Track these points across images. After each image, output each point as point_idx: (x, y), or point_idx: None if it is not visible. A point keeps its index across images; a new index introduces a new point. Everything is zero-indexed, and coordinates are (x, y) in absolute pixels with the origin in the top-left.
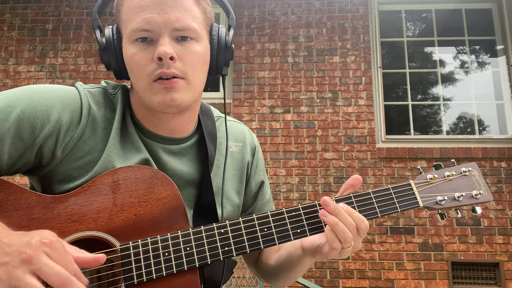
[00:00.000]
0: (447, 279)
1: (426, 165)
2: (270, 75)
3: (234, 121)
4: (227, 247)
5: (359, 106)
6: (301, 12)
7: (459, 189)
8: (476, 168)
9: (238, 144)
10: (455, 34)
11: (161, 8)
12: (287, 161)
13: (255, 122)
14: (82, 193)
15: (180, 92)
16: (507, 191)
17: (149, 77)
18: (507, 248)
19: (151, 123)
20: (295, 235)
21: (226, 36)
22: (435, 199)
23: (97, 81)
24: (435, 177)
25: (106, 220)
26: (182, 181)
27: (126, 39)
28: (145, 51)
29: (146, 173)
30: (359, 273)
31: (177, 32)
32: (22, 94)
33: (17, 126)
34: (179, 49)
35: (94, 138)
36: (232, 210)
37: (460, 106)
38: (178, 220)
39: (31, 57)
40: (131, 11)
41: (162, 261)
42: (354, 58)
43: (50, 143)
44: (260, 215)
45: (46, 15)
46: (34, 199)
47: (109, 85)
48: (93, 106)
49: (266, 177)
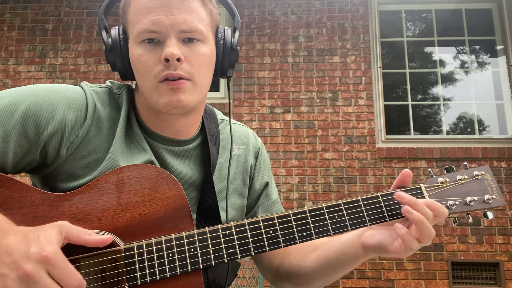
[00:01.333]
0: (447, 279)
1: (426, 165)
2: (270, 75)
3: (238, 124)
4: (232, 249)
5: (359, 106)
6: (301, 12)
7: (470, 194)
8: (489, 171)
9: (242, 147)
10: (455, 34)
11: (168, 10)
12: (287, 161)
13: (255, 122)
14: (87, 192)
15: (186, 93)
16: (507, 191)
17: (155, 78)
18: (507, 248)
19: (155, 124)
20: (301, 238)
21: (232, 38)
22: (446, 203)
23: (97, 81)
24: (446, 180)
25: (111, 219)
26: (184, 183)
27: (133, 40)
28: (151, 52)
29: (151, 172)
30: (359, 273)
31: (184, 34)
32: (28, 92)
33: (22, 124)
34: (185, 50)
35: (99, 137)
36: (235, 214)
37: (460, 106)
38: (183, 221)
39: (31, 57)
40: (138, 13)
41: (166, 262)
42: (354, 58)
43: (55, 141)
44: (266, 217)
45: (46, 15)
46: (38, 197)
47: (114, 85)
48: (99, 105)
49: (272, 179)
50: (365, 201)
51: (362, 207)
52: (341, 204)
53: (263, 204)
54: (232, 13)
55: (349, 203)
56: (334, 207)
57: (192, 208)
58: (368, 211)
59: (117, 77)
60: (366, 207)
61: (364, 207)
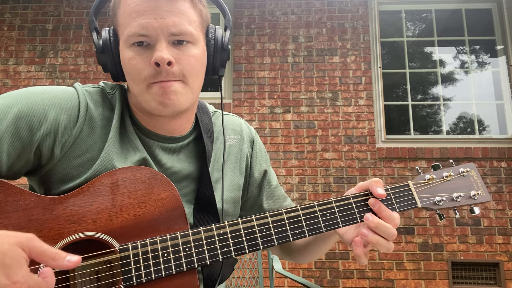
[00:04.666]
0: (447, 279)
1: (426, 165)
2: (270, 75)
3: (230, 115)
4: (226, 248)
5: (359, 106)
6: (301, 12)
7: (457, 190)
8: (474, 168)
9: (235, 137)
10: (455, 34)
11: (158, 13)
12: (287, 161)
13: (255, 122)
14: (81, 194)
15: (177, 94)
16: (507, 191)
17: (145, 81)
18: (507, 248)
19: (149, 123)
20: (294, 236)
21: (223, 38)
22: (434, 199)
23: (97, 81)
24: (433, 177)
25: (105, 221)
26: (181, 177)
27: (123, 43)
28: (142, 55)
29: (145, 174)
30: (359, 273)
31: (173, 36)
32: (20, 95)
33: (15, 125)
34: (176, 53)
35: (92, 137)
36: (232, 202)
37: (460, 106)
38: (177, 221)
39: (31, 57)
40: (127, 16)
41: (161, 262)
42: (354, 58)
43: (49, 141)
44: (259, 215)
45: (46, 15)
46: (33, 200)
47: (107, 85)
48: (91, 105)
49: (269, 166)
50: (355, 199)
51: (352, 205)
52: (332, 201)
53: (266, 191)
54: (223, 11)
55: (340, 200)
56: (326, 204)
57: (190, 201)
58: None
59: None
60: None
61: (355, 205)
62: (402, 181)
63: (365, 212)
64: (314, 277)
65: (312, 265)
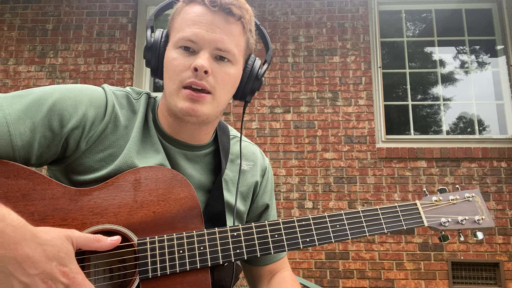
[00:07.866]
0: (447, 279)
1: (426, 165)
2: (270, 75)
3: (248, 142)
4: (239, 249)
5: (359, 106)
6: (301, 12)
7: (462, 213)
8: (479, 194)
9: (249, 163)
10: (455, 34)
11: (211, 28)
12: (287, 161)
13: (255, 122)
14: (105, 188)
15: (204, 105)
16: (507, 191)
17: (180, 83)
18: (507, 248)
19: (172, 128)
20: (304, 244)
21: (259, 69)
22: (439, 220)
23: (96, 81)
24: (440, 199)
25: (126, 215)
26: (193, 186)
27: (172, 44)
28: (184, 58)
29: (167, 174)
30: (359, 273)
31: (217, 51)
32: (54, 90)
33: (48, 117)
34: (215, 66)
35: (116, 134)
36: (240, 223)
37: (460, 106)
38: (194, 221)
39: (31, 57)
40: (184, 22)
41: (177, 258)
42: (354, 58)
43: (76, 134)
44: (272, 222)
45: (46, 15)
46: (59, 190)
47: (134, 91)
48: (117, 105)
49: (273, 201)
50: (364, 213)
51: (362, 218)
52: (342, 214)
53: None
54: (267, 47)
55: (350, 213)
56: (336, 216)
57: None
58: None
59: (117, 79)
60: (365, 219)
61: (364, 219)
62: (402, 181)
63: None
64: (314, 277)
65: (312, 265)
